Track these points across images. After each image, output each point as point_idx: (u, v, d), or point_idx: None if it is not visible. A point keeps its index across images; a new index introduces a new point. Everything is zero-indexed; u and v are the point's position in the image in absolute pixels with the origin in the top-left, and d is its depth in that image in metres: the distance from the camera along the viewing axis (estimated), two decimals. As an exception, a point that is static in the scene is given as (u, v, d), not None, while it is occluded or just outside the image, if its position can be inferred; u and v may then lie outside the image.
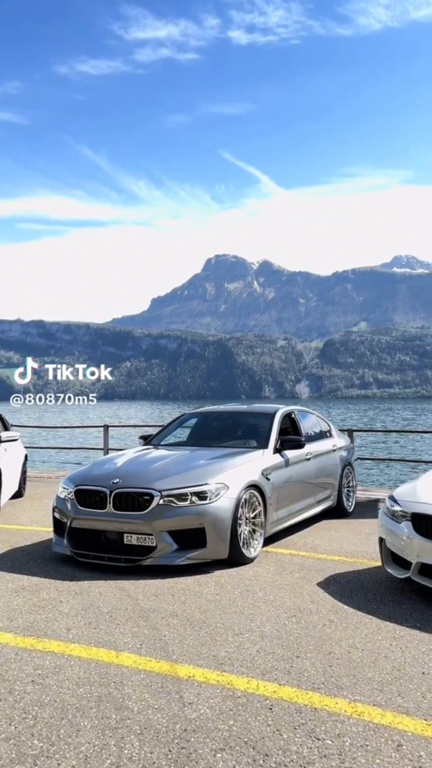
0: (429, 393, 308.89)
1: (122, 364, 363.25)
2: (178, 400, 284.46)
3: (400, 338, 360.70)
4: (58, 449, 23.36)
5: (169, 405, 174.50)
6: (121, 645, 3.66)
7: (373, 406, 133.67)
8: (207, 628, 3.93)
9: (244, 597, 4.56)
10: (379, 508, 8.71)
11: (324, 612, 4.22)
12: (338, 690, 3.03)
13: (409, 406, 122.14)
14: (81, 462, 22.19)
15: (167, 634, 3.83)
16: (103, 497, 5.43)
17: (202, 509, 5.23)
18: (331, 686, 3.07)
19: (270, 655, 3.48)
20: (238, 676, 3.21)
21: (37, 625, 4.02)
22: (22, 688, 3.10)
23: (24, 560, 5.70)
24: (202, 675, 3.23)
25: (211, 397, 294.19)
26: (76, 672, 3.29)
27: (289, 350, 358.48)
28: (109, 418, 73.27)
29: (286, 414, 7.17)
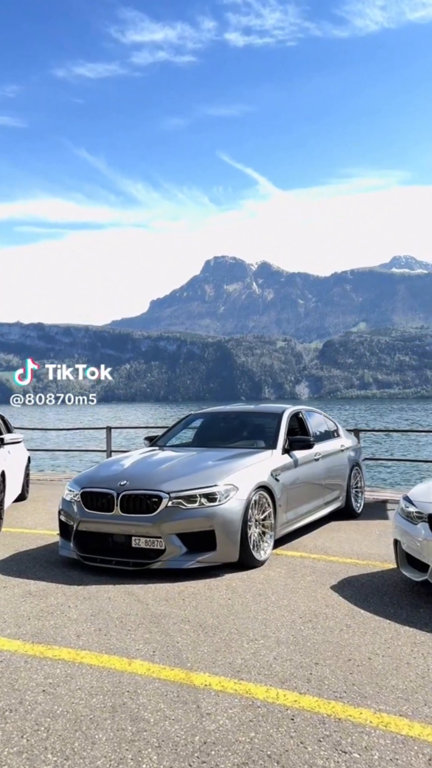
0: (429, 393, 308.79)
1: (122, 366, 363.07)
2: (178, 402, 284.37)
3: (399, 338, 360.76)
4: (61, 451, 23.24)
5: (169, 407, 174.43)
6: (134, 652, 3.55)
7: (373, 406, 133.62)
8: (221, 633, 3.81)
9: (256, 601, 4.44)
10: (387, 508, 8.63)
11: (340, 617, 4.11)
12: (362, 699, 2.92)
13: (410, 407, 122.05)
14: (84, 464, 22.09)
15: (180, 640, 3.72)
16: (110, 499, 5.32)
17: (211, 511, 5.12)
18: (354, 695, 2.96)
19: (288, 662, 3.37)
20: (256, 684, 3.10)
21: (45, 631, 3.91)
22: (33, 698, 2.99)
23: (30, 564, 5.59)
24: (219, 683, 3.12)
25: (210, 398, 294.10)
26: (88, 681, 3.18)
27: (288, 351, 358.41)
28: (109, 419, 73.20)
29: (293, 414, 7.06)
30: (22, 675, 3.26)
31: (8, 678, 3.23)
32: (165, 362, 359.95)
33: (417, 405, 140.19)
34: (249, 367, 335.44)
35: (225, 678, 3.18)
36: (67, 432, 37.20)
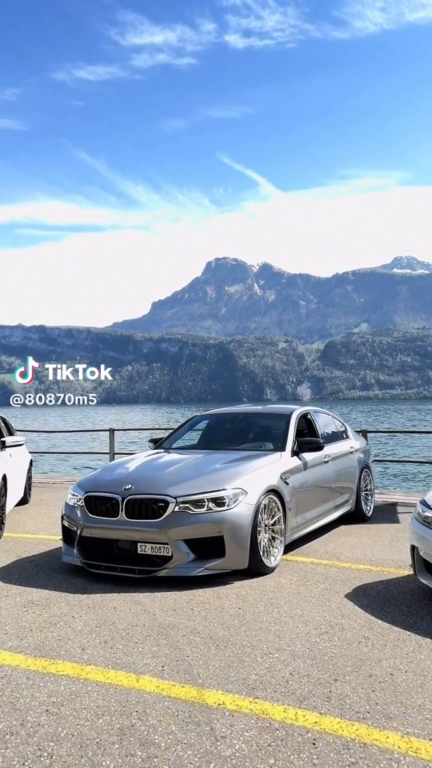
0: (431, 394, 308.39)
1: (123, 368, 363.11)
2: (180, 403, 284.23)
3: (401, 339, 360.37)
4: (63, 454, 23.02)
5: (171, 408, 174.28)
6: (141, 667, 3.36)
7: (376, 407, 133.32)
8: (232, 647, 3.62)
9: (268, 611, 4.25)
10: (398, 512, 8.44)
11: (357, 628, 3.92)
12: (387, 720, 2.72)
13: (413, 407, 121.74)
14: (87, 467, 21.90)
15: (190, 653, 3.53)
16: (114, 504, 5.13)
17: (220, 516, 4.93)
18: (378, 716, 2.77)
19: (305, 678, 3.18)
20: (272, 703, 2.91)
21: (48, 644, 3.72)
22: (36, 719, 2.80)
23: (32, 571, 5.40)
24: (233, 702, 2.93)
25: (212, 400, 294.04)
26: (93, 699, 2.99)
27: (290, 352, 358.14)
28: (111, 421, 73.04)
29: (301, 414, 6.87)
30: (24, 693, 3.08)
31: (9, 696, 3.04)
32: (167, 364, 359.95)
33: (421, 406, 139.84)
34: (251, 369, 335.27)
35: (239, 696, 2.99)
36: (69, 434, 36.99)
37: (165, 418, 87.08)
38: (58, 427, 51.25)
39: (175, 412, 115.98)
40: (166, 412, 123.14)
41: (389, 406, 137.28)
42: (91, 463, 23.32)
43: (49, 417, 77.13)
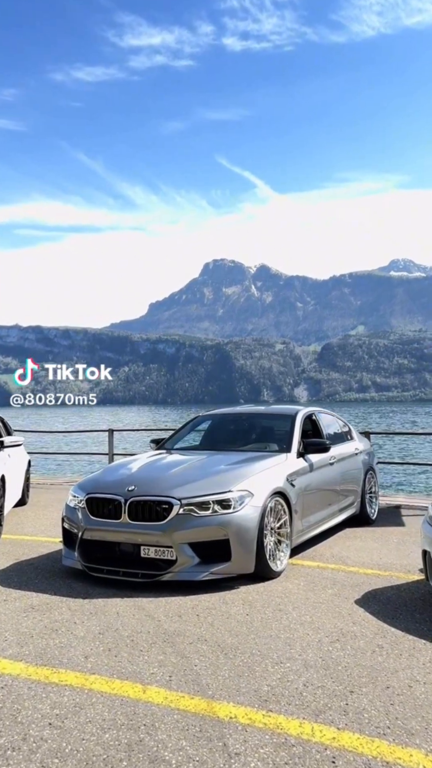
0: (427, 396, 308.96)
1: (120, 368, 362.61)
2: (177, 404, 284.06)
3: (398, 341, 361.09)
4: (61, 454, 22.87)
5: (167, 409, 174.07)
6: (148, 677, 3.22)
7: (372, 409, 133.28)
8: (242, 655, 3.48)
9: (277, 618, 4.11)
10: (402, 514, 8.31)
11: (370, 636, 3.78)
12: (409, 737, 2.59)
13: (409, 409, 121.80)
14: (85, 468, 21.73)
15: (198, 662, 3.39)
16: (117, 506, 4.99)
17: (226, 519, 4.79)
18: (399, 731, 2.63)
19: (320, 690, 3.04)
20: (287, 717, 2.77)
21: (50, 651, 3.58)
22: (39, 734, 2.66)
23: (31, 575, 5.26)
24: (246, 715, 2.79)
25: (209, 401, 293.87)
26: (99, 711, 2.85)
27: (287, 354, 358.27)
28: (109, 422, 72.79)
29: (306, 415, 6.73)
30: (26, 704, 2.93)
31: (10, 708, 2.90)
32: (164, 365, 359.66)
33: (418, 408, 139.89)
34: (248, 370, 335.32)
35: (251, 709, 2.85)
36: (67, 434, 36.79)
37: (162, 419, 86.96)
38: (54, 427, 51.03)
39: (172, 413, 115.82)
40: (163, 414, 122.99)
41: (386, 408, 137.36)
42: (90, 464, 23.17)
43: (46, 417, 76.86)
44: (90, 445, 32.70)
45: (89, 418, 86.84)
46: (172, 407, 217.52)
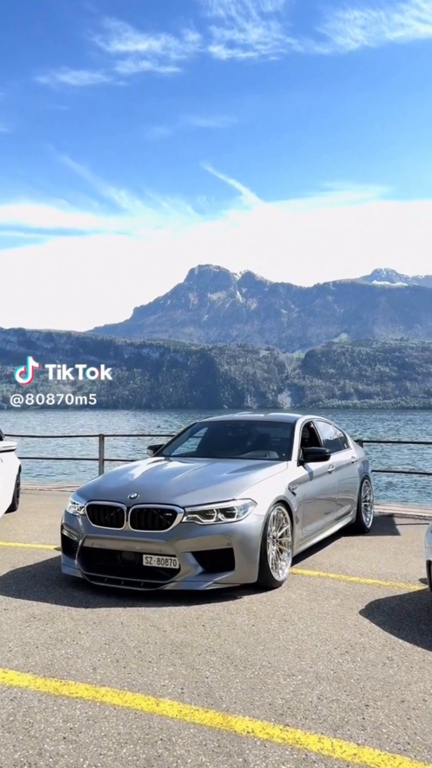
0: (408, 404, 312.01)
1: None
2: (161, 409, 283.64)
3: (380, 350, 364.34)
4: (50, 459, 22.70)
5: (151, 414, 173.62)
6: (159, 689, 3.17)
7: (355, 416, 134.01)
8: (252, 667, 3.45)
9: (283, 629, 4.09)
10: (396, 523, 8.33)
11: (378, 647, 3.77)
12: (430, 753, 2.57)
13: (392, 417, 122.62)
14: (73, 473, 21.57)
15: (209, 675, 3.35)
16: (119, 513, 4.93)
17: (229, 528, 4.75)
18: (419, 747, 2.61)
19: (335, 704, 3.01)
20: (305, 731, 2.74)
21: (57, 663, 3.52)
22: (54, 748, 2.60)
23: (29, 583, 5.18)
24: (263, 730, 2.75)
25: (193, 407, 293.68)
26: (113, 725, 2.80)
27: (271, 360, 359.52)
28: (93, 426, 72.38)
29: (305, 423, 6.73)
30: (38, 718, 2.87)
31: (22, 722, 2.84)
32: (148, 369, 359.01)
33: (399, 416, 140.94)
34: (232, 376, 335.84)
35: (268, 723, 2.82)
36: (51, 439, 36.52)
37: (144, 424, 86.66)
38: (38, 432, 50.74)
39: (157, 419, 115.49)
40: (149, 418, 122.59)
41: (368, 416, 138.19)
42: (76, 469, 23.01)
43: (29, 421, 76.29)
44: (76, 450, 32.53)
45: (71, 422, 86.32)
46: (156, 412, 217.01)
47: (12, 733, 2.73)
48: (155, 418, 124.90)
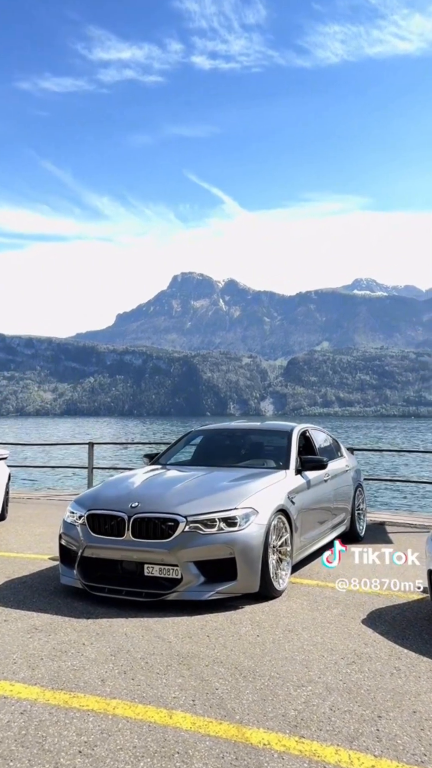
0: (388, 412, 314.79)
1: (86, 379, 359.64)
2: (143, 416, 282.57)
3: (360, 358, 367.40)
4: (37, 468, 22.50)
5: (134, 421, 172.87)
6: (171, 701, 3.15)
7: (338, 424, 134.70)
8: (261, 678, 3.44)
9: (288, 639, 4.09)
10: (387, 531, 8.37)
11: (384, 657, 3.78)
12: (449, 762, 2.58)
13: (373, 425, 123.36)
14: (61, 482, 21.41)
15: (219, 686, 3.34)
16: (120, 523, 4.90)
17: (232, 537, 4.75)
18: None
19: (347, 715, 3.02)
20: (321, 743, 2.74)
21: (64, 674, 3.48)
22: (70, 762, 2.57)
23: (27, 594, 5.12)
24: (279, 742, 2.75)
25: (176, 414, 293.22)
26: (128, 738, 2.77)
27: (254, 368, 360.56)
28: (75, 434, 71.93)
29: (301, 432, 6.75)
30: (51, 731, 2.84)
31: (34, 735, 2.80)
32: (130, 376, 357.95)
33: (379, 423, 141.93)
34: (215, 383, 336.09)
35: (283, 735, 2.81)
36: (38, 447, 36.20)
37: (124, 432, 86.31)
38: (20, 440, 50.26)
39: (140, 425, 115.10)
40: (131, 425, 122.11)
41: (349, 424, 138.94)
42: (62, 478, 22.85)
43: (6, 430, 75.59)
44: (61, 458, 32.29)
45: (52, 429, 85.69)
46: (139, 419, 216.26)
47: (26, 747, 2.70)
48: (138, 425, 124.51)
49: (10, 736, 2.79)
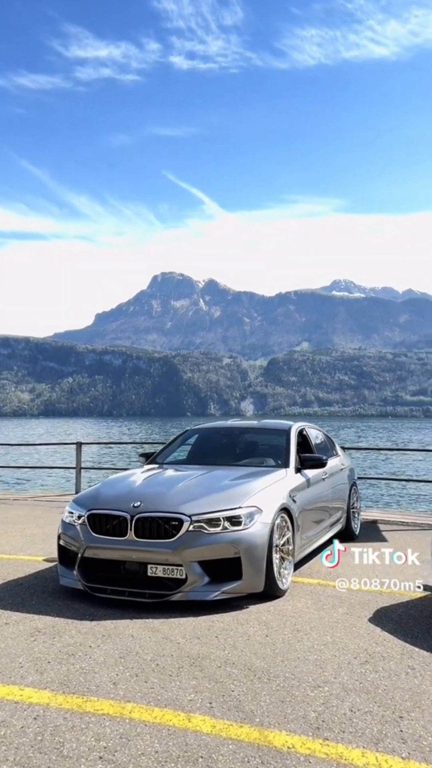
0: (366, 412, 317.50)
1: (64, 380, 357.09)
2: (123, 417, 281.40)
3: (339, 358, 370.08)
4: (21, 468, 22.23)
5: (115, 422, 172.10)
6: (187, 704, 3.08)
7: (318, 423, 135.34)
8: (276, 679, 3.39)
9: (298, 639, 4.03)
10: (380, 530, 8.37)
11: (397, 656, 3.75)
12: None
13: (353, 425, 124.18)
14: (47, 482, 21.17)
15: (234, 688, 3.27)
16: (122, 522, 4.81)
17: (237, 536, 4.68)
18: (466, 757, 2.59)
19: (368, 716, 2.97)
20: (347, 746, 2.69)
21: (74, 678, 3.39)
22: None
23: (25, 596, 5.00)
24: (303, 745, 2.69)
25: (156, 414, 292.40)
26: (148, 742, 2.70)
27: (234, 368, 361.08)
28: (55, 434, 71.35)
29: (299, 430, 6.72)
30: (68, 737, 2.75)
31: (51, 741, 2.71)
32: (109, 376, 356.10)
33: (359, 423, 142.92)
34: (195, 383, 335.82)
35: (306, 737, 2.76)
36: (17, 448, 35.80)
37: (101, 433, 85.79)
38: (0, 438, 49.63)
39: (121, 426, 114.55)
40: (107, 425, 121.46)
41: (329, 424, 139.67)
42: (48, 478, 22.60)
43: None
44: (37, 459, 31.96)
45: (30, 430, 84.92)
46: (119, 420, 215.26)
47: (43, 753, 2.61)
48: (118, 425, 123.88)
49: (26, 743, 2.70)
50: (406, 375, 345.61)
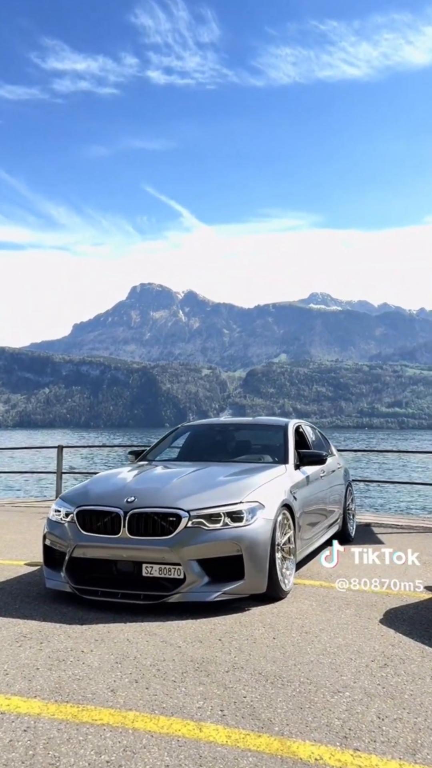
0: (343, 423, 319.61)
1: (40, 390, 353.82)
2: (100, 428, 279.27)
3: (316, 370, 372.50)
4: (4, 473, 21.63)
5: (90, 433, 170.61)
6: (196, 712, 2.76)
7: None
8: (291, 684, 3.08)
9: (308, 641, 3.73)
10: (374, 532, 8.11)
11: (417, 659, 3.46)
12: None
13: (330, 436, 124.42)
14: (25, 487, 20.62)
15: (247, 694, 2.95)
16: (114, 519, 4.47)
17: (238, 533, 4.36)
18: None
19: (398, 723, 2.68)
20: (381, 757, 2.39)
21: (66, 685, 3.04)
22: (93, 788, 2.15)
23: (7, 600, 4.62)
24: (332, 756, 2.38)
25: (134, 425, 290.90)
26: (157, 755, 2.37)
27: (213, 379, 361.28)
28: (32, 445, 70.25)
29: (296, 427, 6.44)
30: (63, 750, 2.41)
31: (44, 755, 2.37)
32: (87, 387, 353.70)
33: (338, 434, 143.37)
34: (174, 394, 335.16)
35: (334, 748, 2.45)
36: None
37: (83, 442, 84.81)
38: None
39: (99, 437, 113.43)
40: (85, 436, 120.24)
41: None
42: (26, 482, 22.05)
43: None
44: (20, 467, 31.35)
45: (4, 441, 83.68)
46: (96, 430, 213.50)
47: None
48: (96, 436, 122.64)
49: (15, 758, 2.35)
50: (381, 387, 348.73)
